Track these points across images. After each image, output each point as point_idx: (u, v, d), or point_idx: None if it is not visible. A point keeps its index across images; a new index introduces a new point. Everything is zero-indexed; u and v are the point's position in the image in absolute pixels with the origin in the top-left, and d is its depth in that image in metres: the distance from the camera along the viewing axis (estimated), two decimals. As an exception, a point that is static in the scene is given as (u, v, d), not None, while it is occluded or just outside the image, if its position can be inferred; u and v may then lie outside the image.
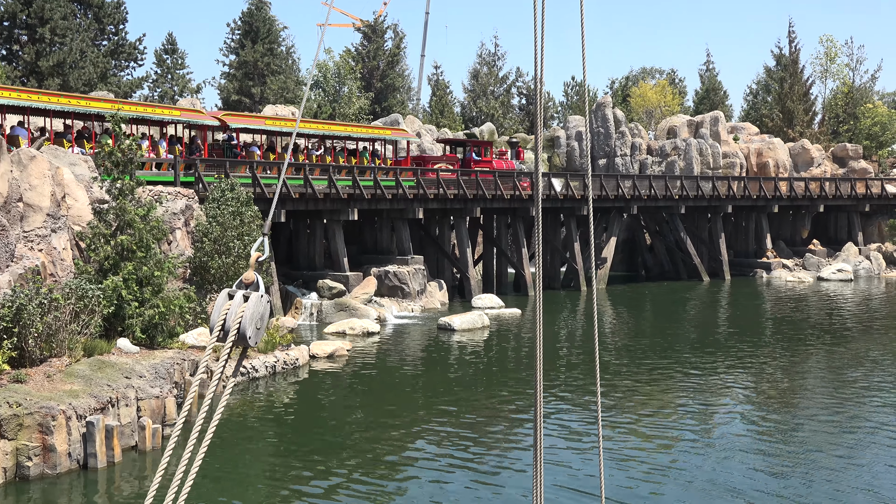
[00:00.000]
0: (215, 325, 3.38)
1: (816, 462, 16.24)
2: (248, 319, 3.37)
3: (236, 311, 3.38)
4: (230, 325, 3.37)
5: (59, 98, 29.46)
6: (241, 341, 3.40)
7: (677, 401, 21.72)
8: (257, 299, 3.42)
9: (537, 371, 4.49)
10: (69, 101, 29.29)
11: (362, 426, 19.36)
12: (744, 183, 54.56)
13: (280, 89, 55.38)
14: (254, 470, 16.04)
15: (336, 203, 36.20)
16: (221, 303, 3.41)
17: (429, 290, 39.73)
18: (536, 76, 4.38)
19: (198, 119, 34.42)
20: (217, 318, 3.38)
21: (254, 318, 3.40)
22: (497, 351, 30.08)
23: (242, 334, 3.37)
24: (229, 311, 3.38)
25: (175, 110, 34.32)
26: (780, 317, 37.52)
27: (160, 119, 32.56)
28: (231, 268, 25.99)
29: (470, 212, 41.97)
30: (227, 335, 3.37)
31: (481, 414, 20.38)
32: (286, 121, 38.57)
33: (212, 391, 3.39)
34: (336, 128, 41.29)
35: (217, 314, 3.39)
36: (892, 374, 24.79)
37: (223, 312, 3.38)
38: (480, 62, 76.60)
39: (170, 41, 60.25)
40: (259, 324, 3.44)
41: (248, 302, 3.40)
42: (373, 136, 42.73)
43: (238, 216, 26.42)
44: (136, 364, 19.14)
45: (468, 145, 48.85)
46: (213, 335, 3.38)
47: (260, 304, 3.43)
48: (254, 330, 3.41)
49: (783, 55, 75.49)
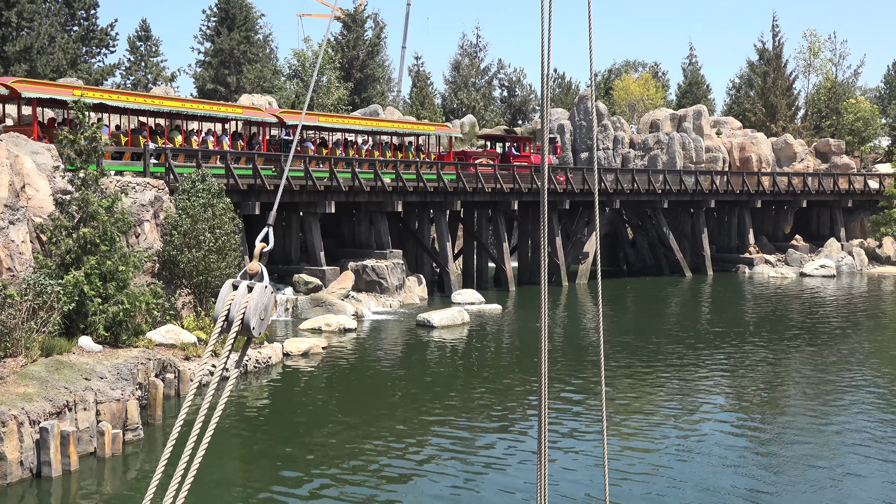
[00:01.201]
0: (219, 316, 3.40)
1: (805, 464, 15.53)
2: (253, 310, 3.40)
3: (240, 301, 3.40)
4: (234, 315, 3.39)
5: (136, 97, 32.70)
6: (245, 332, 3.42)
7: (664, 400, 20.95)
8: (261, 290, 3.44)
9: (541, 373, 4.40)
10: (144, 101, 32.30)
11: (337, 429, 18.45)
12: (727, 177, 54.00)
13: (257, 78, 54.14)
14: (223, 476, 15.08)
15: (312, 195, 35.20)
16: (226, 293, 3.44)
17: (408, 285, 38.84)
18: (543, 73, 4.31)
19: (257, 116, 36.27)
20: (221, 308, 3.40)
21: (258, 309, 3.42)
22: (478, 349, 29.24)
23: (246, 325, 3.40)
24: (233, 302, 3.40)
25: (237, 108, 36.78)
26: (764, 314, 36.91)
27: (224, 116, 34.94)
28: (202, 262, 24.95)
29: (450, 205, 41.09)
30: (231, 325, 3.39)
31: (462, 414, 19.52)
32: (338, 118, 41.58)
33: (216, 381, 3.43)
34: (384, 124, 43.64)
35: (221, 304, 3.41)
36: (880, 373, 24.17)
37: (227, 303, 3.41)
38: (462, 53, 75.64)
39: (143, 28, 58.76)
40: (263, 314, 3.46)
41: (252, 292, 3.42)
42: (417, 131, 44.39)
43: (209, 208, 25.37)
44: (98, 364, 18.12)
45: (508, 141, 49.89)
46: (218, 325, 3.41)
47: (264, 295, 3.45)
48: (258, 320, 3.43)
49: (766, 49, 75.02)
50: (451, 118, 67.76)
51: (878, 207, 58.00)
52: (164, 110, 32.52)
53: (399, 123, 44.60)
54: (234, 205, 31.00)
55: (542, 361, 4.38)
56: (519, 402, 21.09)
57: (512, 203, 43.51)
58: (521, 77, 78.00)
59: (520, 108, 77.80)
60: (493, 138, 51.48)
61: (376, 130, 42.41)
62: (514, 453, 16.76)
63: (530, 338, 31.39)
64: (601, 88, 77.24)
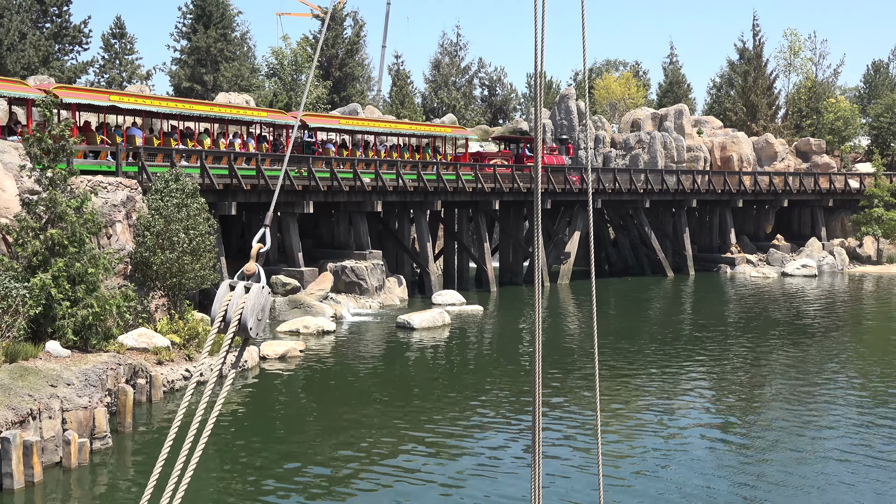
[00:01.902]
0: (216, 317, 3.39)
1: (791, 468, 15.13)
2: (250, 311, 3.38)
3: (237, 302, 3.38)
4: (231, 316, 3.38)
5: (169, 103, 34.26)
6: (243, 332, 3.41)
7: (648, 404, 20.52)
8: (258, 290, 3.43)
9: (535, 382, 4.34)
10: (176, 105, 34.08)
11: (315, 436, 17.89)
12: (708, 177, 53.80)
13: (234, 77, 53.29)
14: (196, 486, 14.49)
15: (290, 195, 34.58)
16: (223, 294, 3.43)
17: (387, 286, 38.28)
18: (537, 70, 4.30)
19: (281, 119, 37.70)
20: (218, 309, 3.40)
21: (255, 310, 3.41)
22: (459, 351, 28.73)
23: (244, 325, 3.38)
24: (230, 303, 3.40)
25: (262, 112, 38.64)
26: (748, 315, 36.61)
27: (249, 120, 36.56)
28: (175, 263, 24.27)
29: (430, 205, 40.56)
30: (228, 326, 3.38)
31: (446, 420, 18.99)
32: (358, 120, 43.90)
33: (212, 383, 3.41)
34: (402, 126, 45.39)
35: (218, 305, 3.41)
36: (865, 375, 23.88)
37: (224, 304, 3.40)
38: (442, 52, 75.10)
39: (118, 25, 57.68)
40: (260, 315, 3.44)
41: (249, 293, 3.40)
42: (434, 133, 45.69)
43: (183, 208, 24.70)
44: (65, 370, 17.46)
45: (522, 142, 51.05)
46: (215, 326, 3.40)
47: (261, 296, 3.44)
48: (255, 321, 3.41)
49: (746, 49, 74.95)
50: (430, 117, 67.24)
51: (859, 207, 57.99)
52: (194, 114, 34.31)
53: (417, 126, 46.37)
54: (209, 205, 30.40)
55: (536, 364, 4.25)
56: (503, 405, 20.59)
57: (493, 203, 43.06)
58: (501, 76, 77.67)
59: (500, 107, 77.38)
60: (507, 140, 52.38)
61: (395, 132, 43.92)
62: (503, 457, 16.27)
63: (512, 339, 30.92)
64: (582, 88, 76.99)
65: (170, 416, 19.62)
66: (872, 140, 67.93)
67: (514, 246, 48.04)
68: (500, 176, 42.76)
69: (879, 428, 18.36)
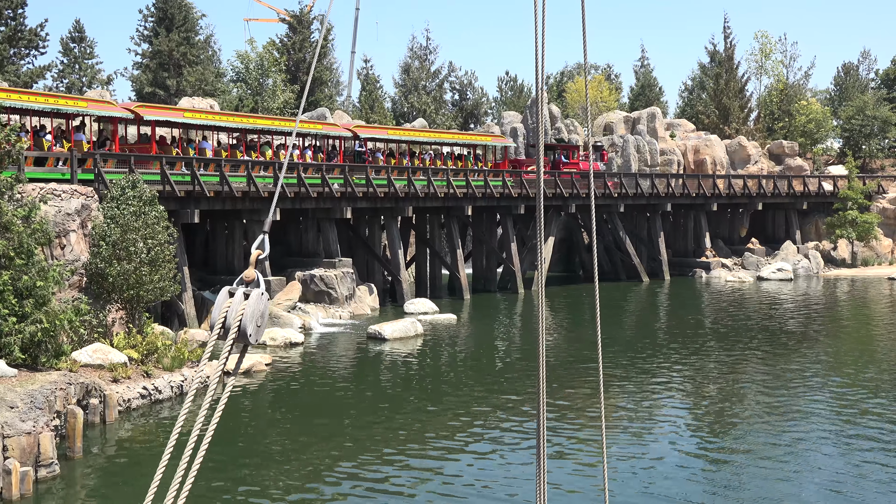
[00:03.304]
0: (216, 323, 3.41)
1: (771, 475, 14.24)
2: (249, 317, 3.39)
3: (237, 308, 3.41)
4: (231, 322, 3.40)
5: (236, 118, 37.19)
6: (242, 339, 3.42)
7: (632, 411, 19.59)
8: (258, 297, 3.45)
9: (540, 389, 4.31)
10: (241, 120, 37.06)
11: (282, 455, 16.73)
12: (682, 180, 53.21)
13: (197, 81, 51.80)
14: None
15: (256, 202, 33.36)
16: (222, 300, 3.45)
17: (358, 295, 37.14)
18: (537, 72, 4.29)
19: (334, 131, 40.83)
20: (217, 315, 3.42)
21: (254, 316, 3.42)
22: (432, 362, 27.67)
23: (243, 332, 3.40)
24: (230, 309, 3.42)
25: (318, 124, 41.76)
26: (725, 321, 35.87)
27: (307, 132, 38.98)
28: (133, 275, 23.00)
29: (402, 211, 39.49)
30: (227, 333, 3.40)
31: (420, 436, 17.91)
32: (404, 131, 46.56)
33: (212, 391, 3.41)
34: (445, 136, 47.93)
35: (217, 312, 3.42)
36: (847, 383, 23.13)
37: (224, 310, 3.42)
38: (412, 55, 74.04)
39: (77, 28, 55.99)
40: (260, 321, 3.47)
41: (248, 300, 3.43)
42: (476, 142, 47.76)
43: (141, 216, 23.44)
44: (9, 391, 16.19)
45: (558, 149, 52.65)
46: (214, 333, 3.42)
47: (260, 302, 3.46)
48: (254, 328, 3.43)
49: (717, 51, 74.69)
50: (401, 122, 66.19)
51: (833, 209, 57.71)
52: (257, 127, 36.55)
53: (459, 135, 49.20)
54: (171, 213, 29.13)
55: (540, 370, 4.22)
56: (479, 420, 19.54)
57: (466, 208, 42.08)
58: (472, 80, 76.68)
59: (472, 111, 76.50)
60: (543, 147, 52.35)
61: (439, 142, 46.34)
62: (480, 477, 15.22)
63: (487, 349, 29.93)
64: (554, 91, 76.28)
65: (126, 437, 18.41)
66: (844, 142, 67.82)
67: (487, 252, 47.08)
68: (532, 182, 43.98)
69: (862, 439, 17.55)
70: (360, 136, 40.92)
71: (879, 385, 23.00)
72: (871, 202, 57.87)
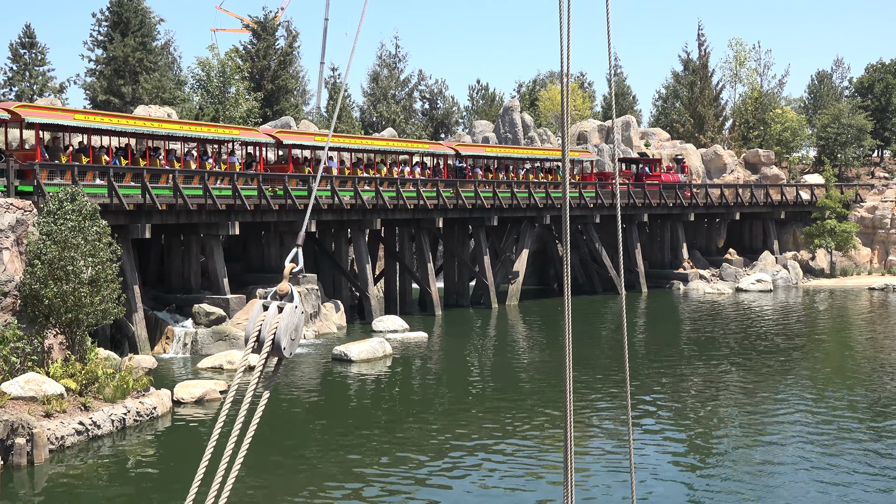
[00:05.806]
0: (250, 336, 3.43)
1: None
2: (283, 330, 3.43)
3: (271, 321, 3.44)
4: (265, 335, 3.43)
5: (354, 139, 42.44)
6: (276, 352, 3.45)
7: (618, 424, 17.87)
8: (291, 310, 3.47)
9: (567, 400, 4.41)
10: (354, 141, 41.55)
11: (238, 494, 14.80)
12: (659, 190, 51.79)
13: (155, 88, 49.61)
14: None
15: (213, 216, 31.37)
16: (256, 313, 3.46)
17: (323, 313, 35.20)
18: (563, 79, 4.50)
19: (438, 150, 44.75)
20: (252, 328, 3.44)
21: (288, 329, 3.45)
22: (402, 386, 25.81)
23: (277, 345, 3.43)
24: (264, 322, 3.44)
25: (424, 143, 46.87)
26: (706, 335, 34.32)
27: (413, 151, 43.78)
28: (71, 296, 20.95)
29: (369, 224, 37.63)
30: (261, 346, 3.42)
31: (389, 468, 16.06)
32: (499, 148, 50.41)
33: (246, 405, 3.48)
34: (537, 152, 51.42)
35: (252, 325, 3.45)
36: (836, 399, 21.59)
37: (258, 323, 3.45)
38: (380, 63, 72.25)
39: (27, 34, 53.59)
40: (294, 334, 3.49)
41: (282, 313, 3.46)
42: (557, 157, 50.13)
43: (80, 232, 21.41)
44: (-85, 436, 14.16)
45: (641, 163, 55.28)
46: (249, 346, 3.45)
47: (294, 315, 3.49)
48: (288, 341, 3.47)
49: (691, 60, 73.60)
50: (370, 131, 64.34)
51: (811, 219, 56.59)
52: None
53: (549, 151, 52.16)
54: (120, 228, 27.15)
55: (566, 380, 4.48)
56: (457, 446, 17.71)
57: (437, 220, 40.31)
58: (442, 89, 75.01)
59: (442, 120, 74.81)
60: (627, 161, 56.32)
61: (531, 158, 49.93)
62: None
63: (460, 370, 28.14)
64: (526, 100, 74.78)
65: (56, 481, 16.38)
66: (820, 151, 66.91)
67: (458, 265, 45.31)
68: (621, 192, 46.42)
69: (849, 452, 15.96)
70: (461, 154, 44.83)
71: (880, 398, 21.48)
72: (850, 211, 56.80)
